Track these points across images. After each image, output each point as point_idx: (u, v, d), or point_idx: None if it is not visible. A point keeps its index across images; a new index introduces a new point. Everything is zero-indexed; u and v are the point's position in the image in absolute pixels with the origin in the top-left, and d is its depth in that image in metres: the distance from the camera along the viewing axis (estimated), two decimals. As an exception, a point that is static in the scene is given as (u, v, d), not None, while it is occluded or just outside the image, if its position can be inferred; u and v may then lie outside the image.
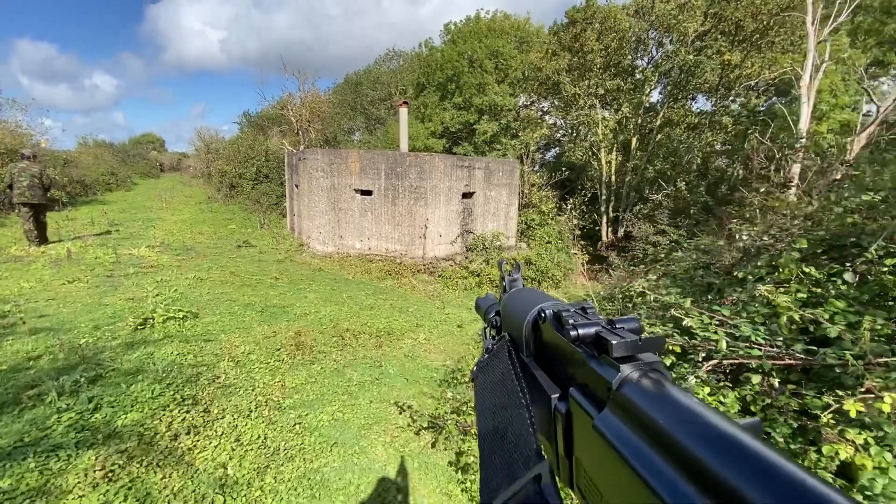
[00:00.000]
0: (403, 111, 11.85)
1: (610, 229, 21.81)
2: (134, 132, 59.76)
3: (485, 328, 0.68)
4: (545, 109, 27.45)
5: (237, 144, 19.58)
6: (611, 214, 21.99)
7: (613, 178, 21.95)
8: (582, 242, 16.72)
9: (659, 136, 21.55)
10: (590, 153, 23.16)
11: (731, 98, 19.02)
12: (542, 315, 0.45)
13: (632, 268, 10.05)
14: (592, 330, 0.38)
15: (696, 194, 17.47)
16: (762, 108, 17.68)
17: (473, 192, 10.58)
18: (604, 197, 21.90)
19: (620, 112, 21.27)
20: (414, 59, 34.05)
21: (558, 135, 27.63)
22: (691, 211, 16.81)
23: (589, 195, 22.73)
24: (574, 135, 26.32)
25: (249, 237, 11.07)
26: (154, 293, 5.64)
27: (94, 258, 7.26)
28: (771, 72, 16.02)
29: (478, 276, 9.99)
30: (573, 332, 0.38)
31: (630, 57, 20.71)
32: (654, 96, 21.51)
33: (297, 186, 11.39)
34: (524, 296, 0.56)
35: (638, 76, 20.73)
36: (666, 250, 15.89)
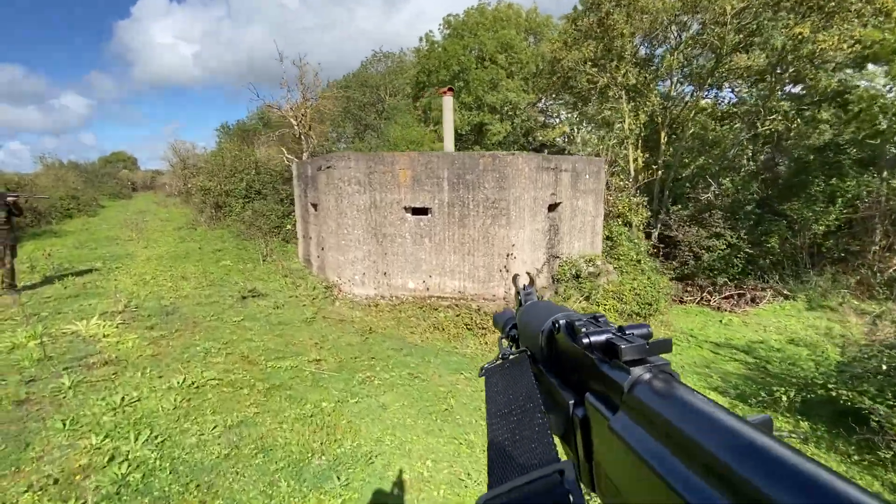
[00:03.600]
0: (448, 100, 9.05)
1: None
2: (105, 152, 55.91)
3: (501, 338, 0.68)
4: (543, 108, 25.25)
5: (221, 156, 16.46)
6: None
7: (641, 176, 19.57)
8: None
9: (693, 128, 19.22)
10: (614, 150, 20.70)
11: (789, 79, 16.71)
12: (557, 325, 0.46)
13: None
14: (604, 337, 0.39)
15: (748, 191, 15.07)
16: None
17: (559, 203, 7.83)
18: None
19: (649, 103, 18.90)
20: (399, 61, 31.37)
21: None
22: (747, 208, 14.49)
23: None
24: (589, 131, 23.91)
25: (252, 277, 8.07)
26: (106, 454, 2.69)
27: (6, 350, 4.23)
28: (847, 46, 13.73)
29: (577, 318, 7.21)
30: (585, 340, 0.40)
31: (651, 44, 18.49)
32: (681, 87, 19.21)
33: (314, 206, 8.45)
34: (539, 308, 0.58)
35: (657, 64, 18.44)
36: (723, 255, 13.53)
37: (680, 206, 16.29)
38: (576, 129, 23.79)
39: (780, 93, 17.23)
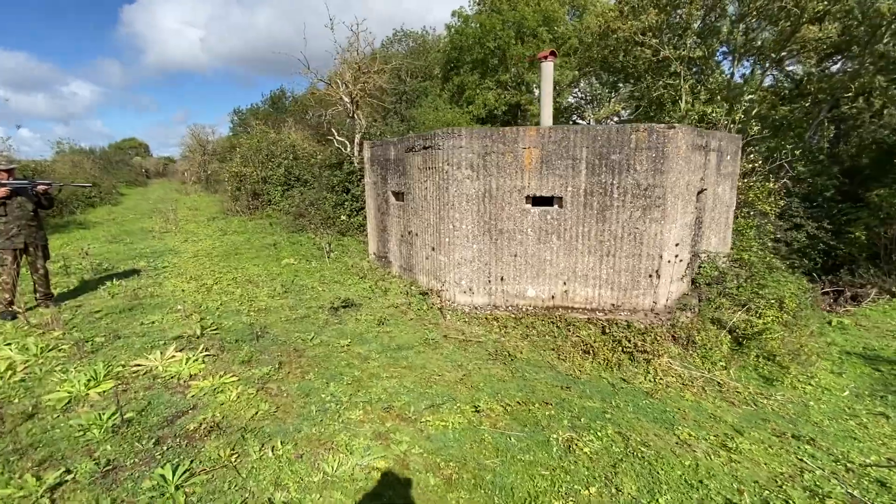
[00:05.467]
0: (548, 67, 7.54)
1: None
2: (114, 139, 55.01)
3: None
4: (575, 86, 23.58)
5: (256, 140, 15.09)
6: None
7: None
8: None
9: (756, 108, 17.41)
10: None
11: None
12: None
13: None
14: None
15: (827, 177, 13.46)
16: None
17: (704, 190, 6.39)
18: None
19: (712, 79, 17.08)
20: (423, 41, 29.54)
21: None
22: (826, 195, 12.96)
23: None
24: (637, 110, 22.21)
25: (325, 279, 6.74)
26: None
27: (61, 405, 2.93)
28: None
29: (733, 333, 5.83)
30: None
31: (706, 18, 16.75)
32: (739, 64, 17.43)
33: (397, 196, 7.06)
34: None
35: (712, 38, 16.67)
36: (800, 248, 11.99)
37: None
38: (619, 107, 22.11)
39: (870, 67, 15.36)
